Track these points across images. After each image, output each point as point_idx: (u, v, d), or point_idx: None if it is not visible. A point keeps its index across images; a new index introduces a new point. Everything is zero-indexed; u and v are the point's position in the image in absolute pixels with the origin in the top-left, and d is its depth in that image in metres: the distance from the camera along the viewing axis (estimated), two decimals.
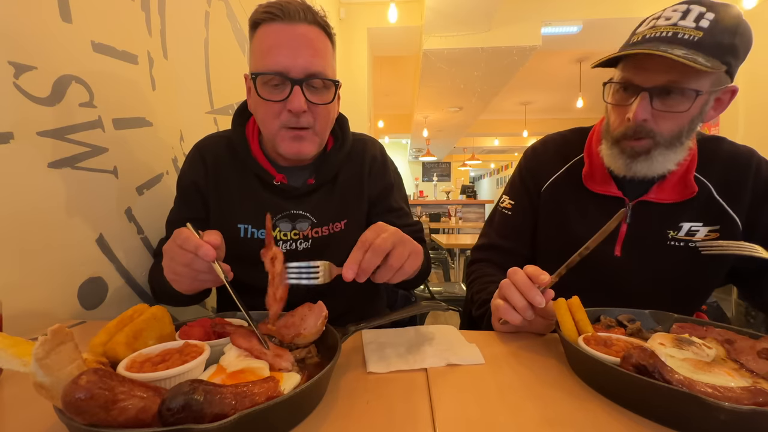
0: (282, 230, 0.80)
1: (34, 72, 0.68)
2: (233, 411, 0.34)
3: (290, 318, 0.57)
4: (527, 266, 0.63)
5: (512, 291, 0.61)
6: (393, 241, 0.54)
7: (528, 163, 0.94)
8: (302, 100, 0.69)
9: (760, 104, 3.57)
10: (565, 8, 3.92)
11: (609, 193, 0.81)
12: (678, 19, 0.67)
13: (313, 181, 0.81)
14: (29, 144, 0.67)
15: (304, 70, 0.69)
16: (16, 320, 0.63)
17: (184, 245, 0.54)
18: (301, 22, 0.69)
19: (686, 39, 0.65)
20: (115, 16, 0.87)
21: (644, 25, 0.71)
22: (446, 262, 3.70)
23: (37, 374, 0.32)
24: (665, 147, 0.71)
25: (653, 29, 0.68)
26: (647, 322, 0.64)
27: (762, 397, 0.38)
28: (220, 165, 0.82)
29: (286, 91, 0.69)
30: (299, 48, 0.68)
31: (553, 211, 0.87)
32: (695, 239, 0.76)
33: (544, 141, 0.95)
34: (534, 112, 8.64)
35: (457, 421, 0.41)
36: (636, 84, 0.69)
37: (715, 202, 0.77)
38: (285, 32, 0.68)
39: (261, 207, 0.79)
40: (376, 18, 4.02)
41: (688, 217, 0.77)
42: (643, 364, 0.42)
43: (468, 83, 5.18)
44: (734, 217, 0.75)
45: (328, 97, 0.73)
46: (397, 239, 0.55)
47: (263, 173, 0.79)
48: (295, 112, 0.70)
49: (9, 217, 0.64)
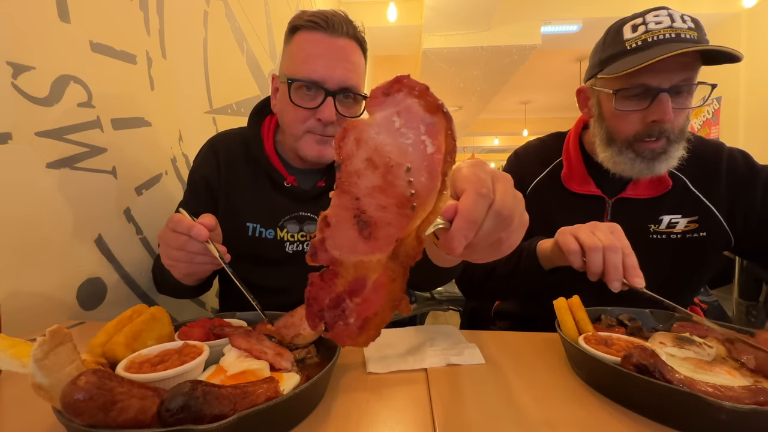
0: (290, 231, 0.81)
1: (33, 72, 0.67)
2: (232, 411, 0.34)
3: (290, 318, 0.57)
4: (631, 255, 0.59)
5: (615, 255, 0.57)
6: (515, 199, 0.36)
7: (512, 168, 0.97)
8: (333, 111, 0.72)
9: (760, 106, 3.57)
10: (564, 7, 3.92)
11: (589, 192, 0.84)
12: (671, 22, 0.70)
13: (323, 183, 0.82)
14: (28, 144, 0.67)
15: (339, 82, 0.71)
16: (15, 321, 0.63)
17: (177, 228, 0.55)
18: (342, 36, 0.72)
19: (689, 38, 0.68)
20: (114, 15, 0.86)
21: (633, 32, 0.72)
22: None
23: (36, 375, 0.32)
24: (677, 142, 0.74)
25: (650, 33, 0.70)
26: (648, 321, 0.64)
27: (763, 396, 0.38)
28: (232, 162, 0.83)
29: (318, 99, 0.72)
30: (338, 60, 0.71)
31: (537, 212, 0.88)
32: (676, 230, 0.80)
33: (525, 147, 1.00)
34: (534, 111, 8.63)
35: (456, 421, 0.41)
36: (653, 86, 0.70)
37: (691, 193, 0.80)
38: (326, 43, 0.71)
39: (270, 207, 0.80)
40: (376, 17, 4.01)
41: (666, 209, 0.80)
42: (643, 364, 0.42)
43: (468, 82, 5.18)
44: (710, 207, 0.79)
45: (357, 110, 0.77)
46: (518, 198, 0.37)
47: (275, 173, 0.81)
48: (325, 121, 0.72)
49: (7, 218, 0.64)
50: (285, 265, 0.81)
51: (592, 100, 0.83)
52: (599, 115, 0.80)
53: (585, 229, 0.62)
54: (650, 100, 0.71)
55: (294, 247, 0.81)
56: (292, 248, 0.81)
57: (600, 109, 0.80)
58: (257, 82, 1.67)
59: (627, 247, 0.59)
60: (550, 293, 0.64)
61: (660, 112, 0.70)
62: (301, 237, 0.81)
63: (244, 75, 1.57)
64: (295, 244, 0.81)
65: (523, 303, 0.97)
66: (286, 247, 0.81)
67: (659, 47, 0.68)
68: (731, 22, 3.79)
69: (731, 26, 3.80)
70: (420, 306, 0.65)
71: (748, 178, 0.78)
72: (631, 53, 0.72)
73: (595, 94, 0.81)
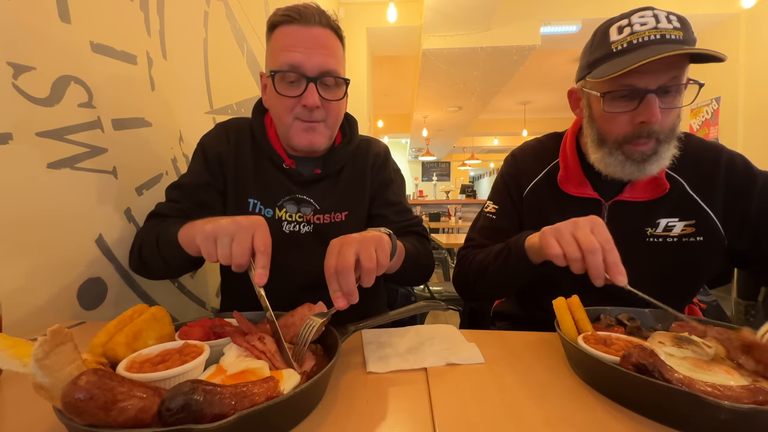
0: (288, 211, 0.85)
1: (33, 72, 0.67)
2: (233, 411, 0.34)
3: (290, 318, 0.58)
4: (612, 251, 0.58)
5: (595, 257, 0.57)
6: (354, 249, 0.53)
7: (509, 169, 0.96)
8: (316, 96, 0.75)
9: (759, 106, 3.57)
10: (564, 8, 3.93)
11: (585, 195, 0.83)
12: (656, 23, 0.69)
13: (320, 171, 0.86)
14: (28, 144, 0.67)
15: (318, 68, 0.75)
16: (16, 321, 0.63)
17: (261, 246, 0.55)
18: (316, 25, 0.75)
19: (674, 39, 0.68)
20: (114, 16, 0.86)
21: (619, 33, 0.71)
22: (446, 262, 3.70)
23: (37, 375, 0.32)
24: (666, 143, 0.74)
25: (636, 35, 0.69)
26: (647, 320, 0.64)
27: (762, 395, 0.38)
28: (240, 143, 0.87)
29: (301, 87, 0.75)
30: (314, 48, 0.74)
31: (534, 215, 0.89)
32: (672, 234, 0.79)
33: (522, 148, 0.99)
34: (533, 112, 8.63)
35: (456, 421, 0.41)
36: (640, 88, 0.70)
37: (689, 197, 0.79)
38: (301, 33, 0.74)
39: (271, 186, 0.85)
40: (376, 18, 4.02)
41: (664, 213, 0.79)
42: (642, 363, 0.42)
43: (467, 83, 5.18)
44: (708, 211, 0.78)
45: (339, 93, 0.80)
46: (355, 243, 0.54)
47: (275, 156, 0.85)
48: (310, 107, 0.75)
49: (8, 218, 0.64)
50: (280, 243, 0.83)
51: (583, 101, 0.82)
52: (590, 116, 0.80)
53: (566, 232, 0.61)
54: (638, 101, 0.71)
55: (291, 227, 0.85)
56: (288, 228, 0.85)
57: (590, 111, 0.80)
58: (257, 82, 1.67)
59: (607, 243, 0.58)
60: (549, 293, 0.64)
61: (647, 114, 0.70)
62: (299, 218, 0.85)
63: (245, 75, 1.57)
64: (292, 224, 0.85)
65: (522, 303, 0.97)
66: (283, 227, 0.84)
67: (644, 50, 0.68)
68: (730, 22, 3.79)
69: (730, 26, 3.80)
70: (420, 306, 0.64)
71: (745, 184, 0.78)
72: (617, 56, 0.71)
73: (585, 96, 0.81)
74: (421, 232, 0.93)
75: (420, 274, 0.88)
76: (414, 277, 0.89)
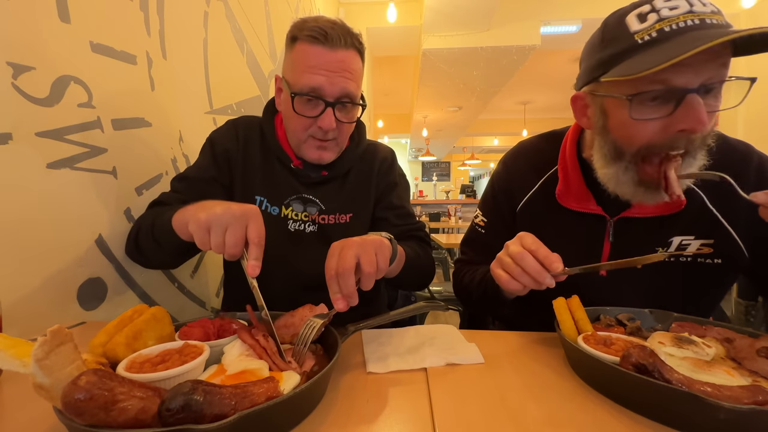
0: (294, 210, 0.86)
1: (33, 72, 0.67)
2: (233, 411, 0.34)
3: (290, 318, 0.58)
4: (540, 248, 0.58)
5: (526, 263, 0.58)
6: (355, 252, 0.53)
7: (500, 181, 0.87)
8: (333, 120, 0.76)
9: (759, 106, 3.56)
10: (564, 8, 3.93)
11: (588, 211, 0.74)
12: (689, 6, 0.56)
13: (327, 173, 0.87)
14: (28, 145, 0.67)
15: (338, 93, 0.76)
16: (16, 321, 0.63)
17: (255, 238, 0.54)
18: (341, 48, 0.75)
19: (716, 24, 0.55)
20: (114, 16, 0.86)
21: (641, 22, 0.58)
22: (446, 262, 3.70)
23: (37, 375, 0.32)
24: (698, 152, 0.61)
25: (666, 21, 0.56)
26: (647, 321, 0.64)
27: (761, 395, 0.38)
28: (249, 141, 0.88)
29: (318, 108, 0.76)
30: (336, 72, 0.74)
31: (530, 232, 0.75)
32: (686, 253, 0.68)
33: (514, 153, 0.88)
34: (533, 112, 8.64)
35: (456, 421, 0.41)
36: (679, 86, 0.56)
37: (708, 212, 0.68)
38: (326, 57, 0.74)
39: (278, 184, 0.86)
40: (376, 18, 4.02)
41: (678, 230, 0.69)
42: (642, 363, 0.42)
43: (467, 83, 5.18)
44: (729, 229, 0.67)
45: (354, 115, 0.82)
46: (356, 247, 0.54)
47: (284, 156, 0.86)
48: (325, 129, 0.77)
49: (8, 218, 0.64)
50: (285, 241, 0.85)
51: (593, 108, 0.68)
52: (604, 126, 0.65)
53: (504, 257, 0.61)
54: (675, 103, 0.56)
55: (296, 226, 0.86)
56: (294, 227, 0.86)
57: (605, 120, 0.65)
58: (257, 82, 1.67)
59: (533, 244, 0.58)
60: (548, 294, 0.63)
61: (691, 119, 0.55)
62: (305, 217, 0.86)
63: (245, 75, 1.57)
64: (297, 223, 0.86)
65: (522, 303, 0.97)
66: (289, 225, 0.85)
67: (682, 38, 0.54)
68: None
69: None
70: (420, 306, 0.65)
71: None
72: (644, 48, 0.57)
73: (597, 102, 0.66)
74: (422, 237, 0.93)
75: (420, 278, 0.88)
76: (414, 281, 0.89)
